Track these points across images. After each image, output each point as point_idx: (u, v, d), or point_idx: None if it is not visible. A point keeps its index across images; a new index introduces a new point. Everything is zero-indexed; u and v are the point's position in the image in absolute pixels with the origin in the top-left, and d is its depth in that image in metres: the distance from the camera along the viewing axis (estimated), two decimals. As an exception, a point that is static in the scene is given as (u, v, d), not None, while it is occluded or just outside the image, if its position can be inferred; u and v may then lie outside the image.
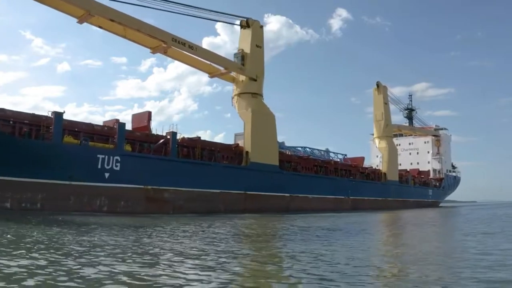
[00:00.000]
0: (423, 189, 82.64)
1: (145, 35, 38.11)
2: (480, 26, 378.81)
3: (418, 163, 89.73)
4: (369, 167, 68.41)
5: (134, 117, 42.74)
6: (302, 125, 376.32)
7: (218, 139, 41.26)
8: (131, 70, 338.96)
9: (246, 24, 47.34)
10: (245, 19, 47.28)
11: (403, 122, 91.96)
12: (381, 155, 70.75)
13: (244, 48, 46.73)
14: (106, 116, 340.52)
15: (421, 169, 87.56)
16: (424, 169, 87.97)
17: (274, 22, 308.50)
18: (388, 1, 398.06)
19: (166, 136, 38.16)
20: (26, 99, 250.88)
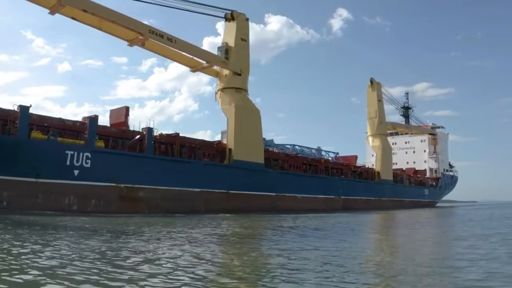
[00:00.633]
0: (419, 189, 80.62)
1: (121, 27, 36.43)
2: (480, 26, 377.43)
3: (415, 162, 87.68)
4: (362, 166, 66.42)
5: (112, 113, 41.03)
6: (303, 125, 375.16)
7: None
8: (132, 70, 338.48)
9: (231, 17, 45.54)
10: (230, 12, 45.48)
11: (400, 121, 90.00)
12: (375, 154, 68.74)
13: (229, 42, 44.94)
14: (106, 116, 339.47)
15: (417, 168, 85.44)
16: (420, 168, 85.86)
17: (275, 22, 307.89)
18: (389, 1, 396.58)
19: (142, 132, 36.37)
20: (27, 99, 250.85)
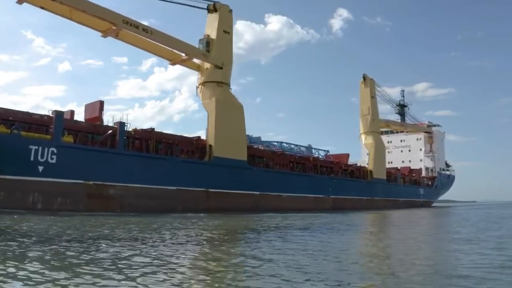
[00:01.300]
0: (414, 188, 78.53)
1: (93, 17, 34.70)
2: (480, 26, 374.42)
3: (410, 161, 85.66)
4: (353, 164, 64.34)
5: (87, 107, 39.24)
6: (303, 125, 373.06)
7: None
8: (132, 70, 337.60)
9: (214, 8, 43.69)
10: (212, 3, 43.63)
11: (396, 119, 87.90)
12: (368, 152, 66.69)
13: (210, 34, 43.11)
14: (106, 116, 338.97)
15: (413, 167, 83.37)
16: (416, 167, 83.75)
17: (275, 22, 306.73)
18: (389, 1, 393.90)
19: (114, 127, 34.59)
20: (27, 99, 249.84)
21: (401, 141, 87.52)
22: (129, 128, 35.51)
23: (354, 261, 9.44)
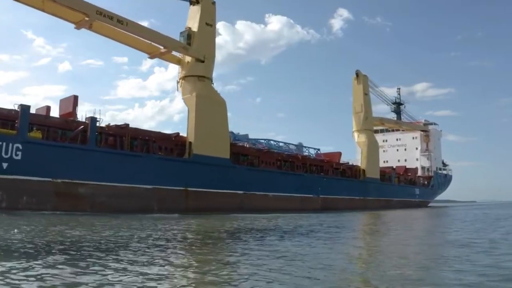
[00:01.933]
0: (409, 188, 76.58)
1: (65, 7, 33.15)
2: (480, 26, 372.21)
3: (406, 160, 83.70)
4: (345, 163, 62.51)
5: (61, 103, 37.69)
6: (303, 125, 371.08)
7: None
8: (132, 70, 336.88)
9: (196, 0, 42.05)
10: (194, -6, 42.01)
11: (392, 118, 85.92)
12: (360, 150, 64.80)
13: (192, 27, 41.47)
14: (107, 116, 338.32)
15: (409, 167, 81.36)
16: (412, 167, 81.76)
17: (275, 22, 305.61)
18: (389, 2, 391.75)
19: (85, 123, 32.99)
20: (27, 99, 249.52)
21: (397, 140, 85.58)
22: (102, 124, 33.92)
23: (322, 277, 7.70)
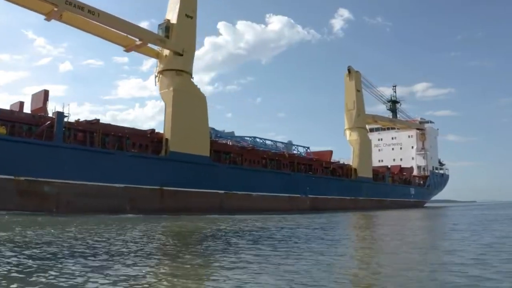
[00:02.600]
0: (404, 188, 74.51)
1: (32, -3, 31.46)
2: (481, 26, 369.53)
3: (402, 159, 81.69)
4: (336, 162, 60.54)
5: (33, 98, 35.96)
6: (303, 125, 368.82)
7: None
8: (133, 70, 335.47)
9: (176, -9, 40.24)
10: (174, -15, 40.20)
11: (387, 116, 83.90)
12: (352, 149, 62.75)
13: (171, 19, 39.68)
14: (107, 115, 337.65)
15: (404, 166, 79.26)
16: (407, 166, 79.66)
17: (276, 22, 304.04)
18: (389, 2, 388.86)
19: (52, 118, 31.26)
20: (27, 99, 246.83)
21: (392, 139, 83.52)
22: (71, 119, 32.20)
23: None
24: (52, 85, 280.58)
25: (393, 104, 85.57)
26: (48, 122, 30.90)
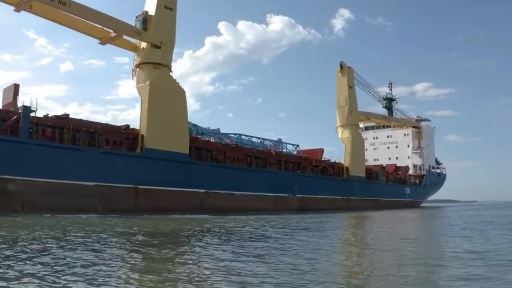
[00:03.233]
0: (399, 187, 72.66)
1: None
2: (481, 26, 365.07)
3: (397, 158, 79.82)
4: (326, 160, 58.82)
5: (4, 93, 34.66)
6: (304, 125, 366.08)
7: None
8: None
9: (154, -19, 38.67)
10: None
11: (383, 113, 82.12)
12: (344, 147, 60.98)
13: (150, 10, 38.16)
14: (108, 115, 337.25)
15: (400, 165, 77.40)
16: (403, 165, 77.80)
17: (277, 22, 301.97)
18: (390, 2, 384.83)
19: (18, 112, 29.84)
20: (28, 98, 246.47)
21: (388, 137, 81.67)
22: (38, 114, 30.77)
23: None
24: (53, 85, 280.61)
25: (389, 102, 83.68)
26: (15, 117, 29.51)
